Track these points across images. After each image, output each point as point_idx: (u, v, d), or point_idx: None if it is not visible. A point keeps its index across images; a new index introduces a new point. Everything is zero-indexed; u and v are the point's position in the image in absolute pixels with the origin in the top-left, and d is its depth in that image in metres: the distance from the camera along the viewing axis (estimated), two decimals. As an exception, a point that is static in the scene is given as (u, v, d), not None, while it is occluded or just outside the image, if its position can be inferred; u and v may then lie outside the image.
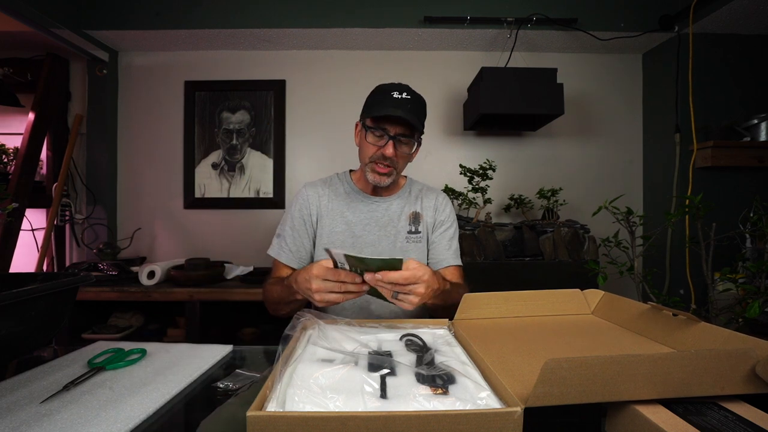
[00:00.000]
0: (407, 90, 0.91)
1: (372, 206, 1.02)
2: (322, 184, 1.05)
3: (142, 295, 1.55)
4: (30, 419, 0.47)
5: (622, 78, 2.03)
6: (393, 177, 0.96)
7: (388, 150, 0.90)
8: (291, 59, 2.03)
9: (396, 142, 0.91)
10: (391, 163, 0.93)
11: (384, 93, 0.91)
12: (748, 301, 1.00)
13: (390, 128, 0.90)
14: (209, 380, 0.61)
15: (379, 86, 0.95)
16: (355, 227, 1.00)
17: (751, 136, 1.68)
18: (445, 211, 1.07)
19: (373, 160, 0.93)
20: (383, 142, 0.91)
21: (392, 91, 0.90)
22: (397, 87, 0.91)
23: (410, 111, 0.88)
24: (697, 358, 0.41)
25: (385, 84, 0.94)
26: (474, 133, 2.03)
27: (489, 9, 1.75)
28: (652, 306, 0.64)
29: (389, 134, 0.90)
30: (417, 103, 0.91)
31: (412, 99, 0.90)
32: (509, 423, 0.36)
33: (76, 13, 1.71)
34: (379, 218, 1.02)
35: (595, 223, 1.63)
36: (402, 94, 0.89)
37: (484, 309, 0.75)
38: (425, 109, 0.96)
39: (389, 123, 0.90)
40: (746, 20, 1.66)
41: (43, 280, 0.67)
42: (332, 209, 1.02)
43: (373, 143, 0.92)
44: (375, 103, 0.91)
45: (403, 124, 0.89)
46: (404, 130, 0.90)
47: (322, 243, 1.00)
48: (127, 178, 2.04)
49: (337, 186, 1.05)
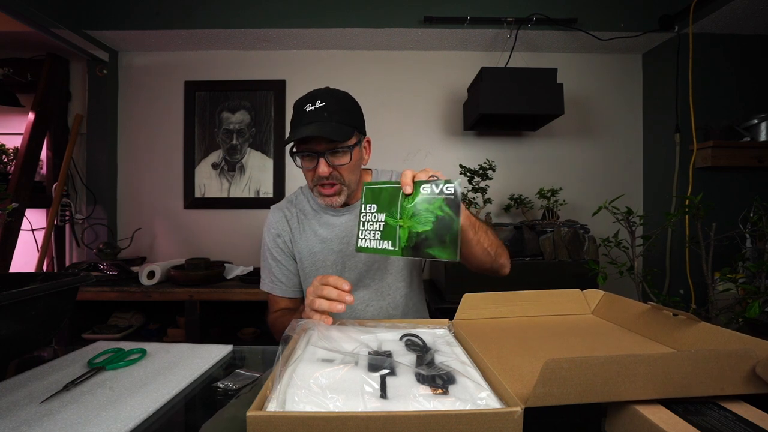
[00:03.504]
0: (321, 95, 0.81)
1: (342, 218, 0.96)
2: (287, 205, 1.01)
3: (142, 295, 1.55)
4: (30, 419, 0.47)
5: (622, 78, 2.03)
6: (345, 193, 0.88)
7: (320, 169, 0.82)
8: (291, 59, 2.03)
9: (327, 158, 0.82)
10: (335, 179, 0.85)
11: (298, 110, 0.82)
12: (748, 301, 1.00)
13: (316, 146, 0.81)
14: (209, 380, 0.61)
15: (295, 102, 0.85)
16: (332, 243, 0.95)
17: (751, 136, 1.68)
18: None
19: (316, 183, 0.86)
20: (314, 163, 0.83)
21: (305, 105, 0.81)
22: (311, 97, 0.82)
23: (327, 120, 0.79)
24: (697, 358, 0.41)
25: (301, 98, 0.85)
26: (474, 133, 2.03)
27: (489, 9, 1.75)
28: (652, 306, 0.64)
29: (317, 152, 0.81)
30: (337, 104, 0.82)
31: (327, 104, 0.80)
32: (509, 423, 0.36)
33: (76, 13, 1.71)
34: (352, 227, 0.95)
35: (595, 223, 1.64)
36: (315, 104, 0.80)
37: (484, 309, 0.75)
38: (351, 104, 0.86)
39: (313, 142, 0.81)
40: (746, 20, 1.66)
41: (43, 280, 0.67)
42: (304, 230, 0.97)
43: (307, 167, 0.85)
44: (292, 125, 0.83)
45: (323, 138, 0.80)
46: (330, 141, 0.81)
47: (304, 266, 0.97)
48: (127, 178, 2.04)
49: (303, 204, 1.00)
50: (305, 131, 0.78)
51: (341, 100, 0.84)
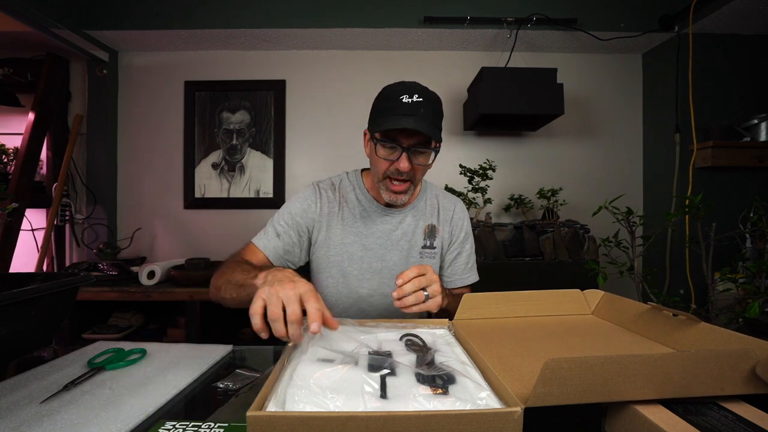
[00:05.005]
0: (418, 91, 0.79)
1: (386, 218, 0.94)
2: (331, 189, 0.97)
3: (142, 295, 1.55)
4: (30, 419, 0.47)
5: (622, 78, 2.03)
6: (410, 193, 0.87)
7: (402, 164, 0.80)
8: (291, 59, 2.03)
9: (410, 154, 0.80)
10: (408, 176, 0.83)
11: (392, 98, 0.79)
12: (748, 301, 1.00)
13: (403, 140, 0.79)
14: (209, 380, 0.61)
15: (385, 89, 0.83)
16: (366, 239, 0.93)
17: (751, 136, 1.68)
18: (464, 225, 0.99)
19: (387, 176, 0.84)
20: (396, 156, 0.80)
21: (401, 95, 0.78)
22: (406, 88, 0.79)
23: (423, 117, 0.77)
24: (697, 358, 0.41)
25: (393, 85, 0.82)
26: (474, 133, 2.03)
27: (489, 9, 1.75)
28: (652, 306, 0.64)
29: (402, 146, 0.79)
30: (431, 105, 0.79)
31: (424, 101, 0.78)
32: (509, 423, 0.36)
33: (76, 13, 1.71)
34: (392, 231, 0.94)
35: (595, 223, 1.63)
36: (413, 98, 0.77)
37: (484, 309, 0.75)
38: (441, 108, 0.84)
39: (402, 134, 0.79)
40: (746, 20, 1.66)
41: (43, 280, 0.67)
42: (343, 217, 0.94)
43: (384, 157, 0.82)
44: (383, 111, 0.80)
45: (417, 133, 0.78)
46: (419, 139, 0.79)
47: (330, 254, 0.93)
48: (127, 178, 2.04)
49: (347, 191, 0.97)
50: (404, 122, 0.76)
51: (435, 102, 0.82)
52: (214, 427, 0.45)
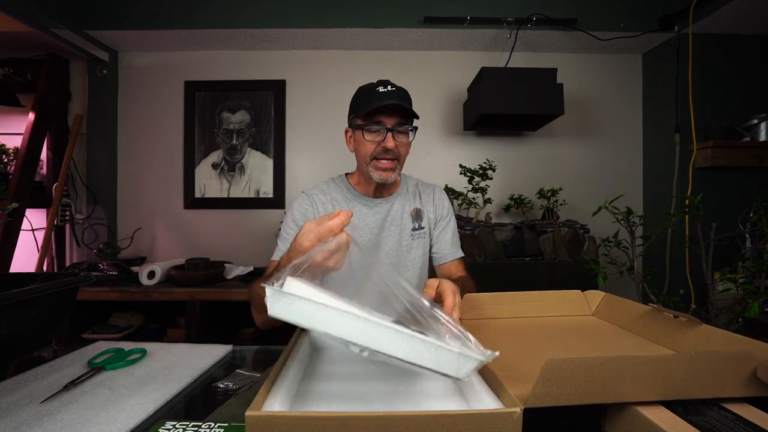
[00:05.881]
0: (390, 83, 0.91)
1: (375, 209, 1.02)
2: (320, 192, 1.04)
3: (142, 295, 1.55)
4: (30, 419, 0.47)
5: (622, 78, 2.03)
6: (398, 170, 0.95)
7: (389, 142, 0.89)
8: (291, 59, 2.03)
9: (394, 133, 0.90)
10: (394, 155, 0.92)
11: (369, 91, 0.91)
12: (747, 301, 1.00)
13: (386, 120, 0.89)
14: (209, 380, 0.61)
15: (361, 87, 0.95)
16: (361, 231, 0.99)
17: (751, 136, 1.68)
18: (444, 204, 1.08)
19: (375, 157, 0.92)
20: (381, 137, 0.90)
21: (377, 87, 0.90)
22: (381, 82, 0.91)
23: (400, 99, 0.88)
24: (697, 360, 0.41)
25: (366, 84, 0.94)
26: (474, 133, 2.03)
27: (489, 9, 1.75)
28: (652, 308, 0.64)
29: (386, 127, 0.89)
30: (404, 92, 0.92)
31: (398, 90, 0.90)
32: (509, 423, 0.36)
33: (76, 13, 1.71)
34: (383, 219, 1.01)
35: (595, 223, 1.63)
36: (387, 87, 0.89)
37: (484, 309, 0.75)
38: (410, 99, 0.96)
39: (384, 115, 0.89)
40: (746, 20, 1.66)
41: (43, 280, 0.67)
42: None
43: (371, 140, 0.91)
44: (363, 102, 0.91)
45: (397, 114, 0.89)
46: (400, 119, 0.90)
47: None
48: (127, 178, 2.04)
49: (335, 192, 1.04)
50: (386, 101, 0.85)
51: (406, 92, 0.93)
52: (214, 427, 0.45)
